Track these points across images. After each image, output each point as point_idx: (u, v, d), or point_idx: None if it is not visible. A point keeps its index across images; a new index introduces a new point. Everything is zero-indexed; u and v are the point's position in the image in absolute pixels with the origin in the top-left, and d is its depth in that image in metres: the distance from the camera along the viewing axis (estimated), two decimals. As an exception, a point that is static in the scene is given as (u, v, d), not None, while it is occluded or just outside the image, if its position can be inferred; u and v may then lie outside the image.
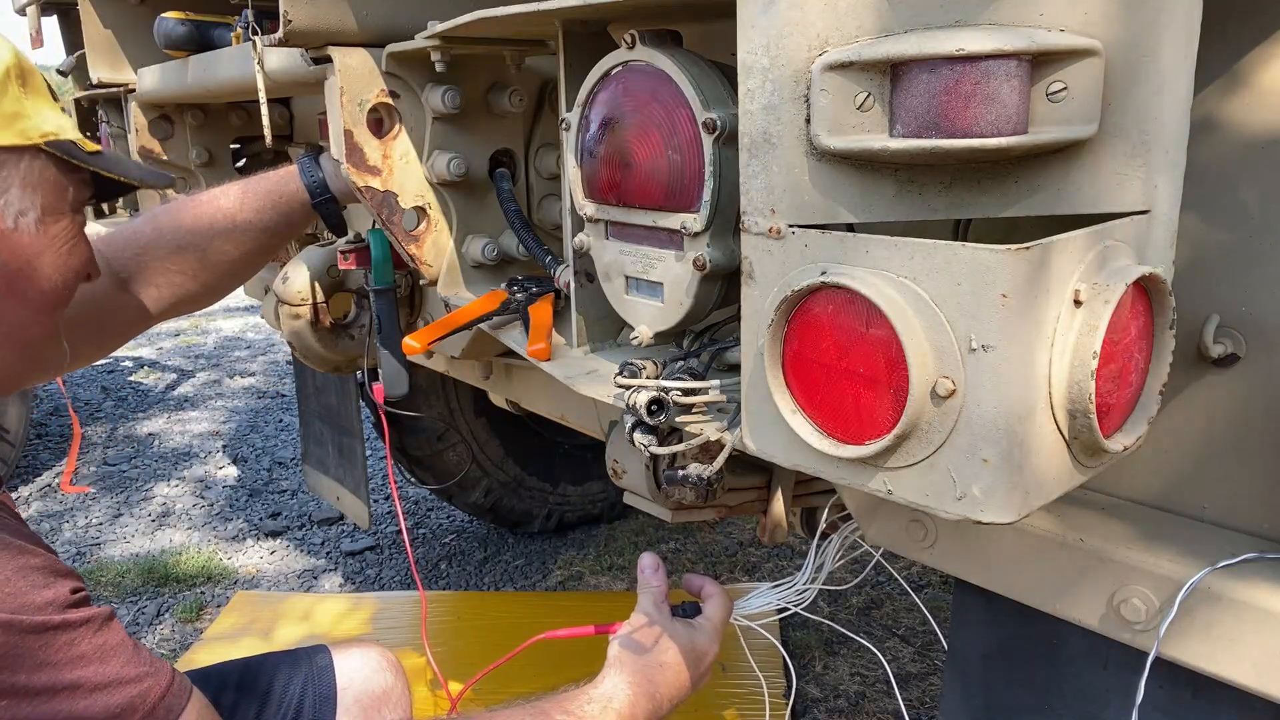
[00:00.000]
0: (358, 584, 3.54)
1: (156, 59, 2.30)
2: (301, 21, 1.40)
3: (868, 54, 0.79)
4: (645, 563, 1.38)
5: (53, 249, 1.12)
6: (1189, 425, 1.03)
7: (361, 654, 1.55)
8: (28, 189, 1.08)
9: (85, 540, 3.95)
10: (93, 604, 1.07)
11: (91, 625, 1.03)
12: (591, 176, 1.18)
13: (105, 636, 1.04)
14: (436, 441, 3.33)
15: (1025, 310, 0.74)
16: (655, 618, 1.31)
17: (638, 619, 1.32)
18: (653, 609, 1.32)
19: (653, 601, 1.33)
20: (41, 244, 1.11)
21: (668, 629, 1.30)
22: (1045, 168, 0.83)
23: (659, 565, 1.36)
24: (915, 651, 2.95)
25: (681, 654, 1.29)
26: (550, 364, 1.34)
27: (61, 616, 1.00)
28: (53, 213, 1.11)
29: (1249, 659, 0.91)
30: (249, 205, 1.55)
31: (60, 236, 1.13)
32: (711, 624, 1.34)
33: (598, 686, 1.25)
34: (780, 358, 0.89)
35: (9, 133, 1.06)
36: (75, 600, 1.03)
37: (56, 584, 1.02)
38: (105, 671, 1.02)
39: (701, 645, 1.31)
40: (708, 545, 3.72)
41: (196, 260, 1.54)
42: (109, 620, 1.06)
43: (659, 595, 1.34)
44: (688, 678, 1.29)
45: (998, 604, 1.11)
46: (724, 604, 1.37)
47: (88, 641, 1.02)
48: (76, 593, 1.04)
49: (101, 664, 1.02)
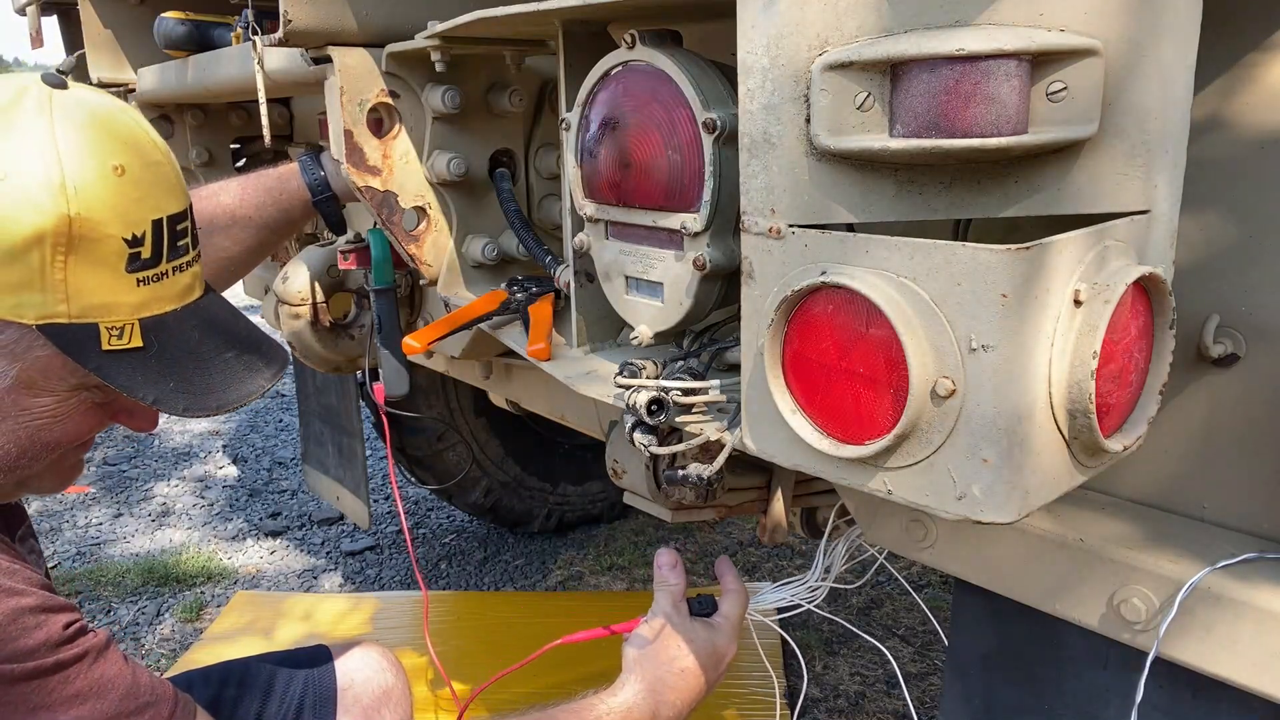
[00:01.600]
0: (358, 584, 3.54)
1: (156, 59, 2.30)
2: (301, 21, 1.40)
3: (868, 54, 0.79)
4: (663, 559, 1.33)
5: (16, 419, 1.01)
6: (1189, 425, 1.03)
7: (362, 654, 1.55)
8: (3, 358, 0.97)
9: (85, 540, 3.95)
10: (90, 630, 1.03)
11: (87, 659, 1.00)
12: (591, 176, 1.18)
13: (102, 668, 1.01)
14: (436, 441, 3.33)
15: (1025, 310, 0.74)
16: (674, 619, 1.27)
17: (656, 622, 1.28)
18: (671, 609, 1.28)
19: (671, 601, 1.29)
20: (2, 410, 1.00)
21: (687, 632, 1.26)
22: (1045, 168, 0.83)
23: (677, 562, 1.32)
24: (915, 651, 2.95)
25: (701, 657, 1.25)
26: (550, 364, 1.34)
27: (54, 657, 0.97)
28: (32, 388, 1.00)
29: (1249, 659, 0.91)
30: (249, 201, 1.54)
31: (32, 410, 1.01)
32: (730, 623, 1.30)
33: (615, 695, 1.22)
34: (780, 358, 0.89)
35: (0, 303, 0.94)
36: (69, 636, 1.00)
37: (48, 623, 0.98)
38: (102, 708, 1.00)
39: (721, 647, 1.28)
40: (708, 545, 3.72)
41: None
42: (106, 649, 1.03)
43: (677, 594, 1.30)
44: (705, 681, 1.26)
45: (998, 604, 1.11)
46: (742, 601, 1.33)
47: (83, 678, 0.99)
48: (70, 626, 1.00)
49: (99, 700, 1.00)
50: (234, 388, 1.08)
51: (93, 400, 1.06)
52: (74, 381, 1.02)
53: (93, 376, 1.01)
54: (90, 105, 1.00)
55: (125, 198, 0.98)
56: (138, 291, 1.01)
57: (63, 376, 1.01)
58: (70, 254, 0.95)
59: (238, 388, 1.09)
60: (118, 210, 0.98)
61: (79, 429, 1.06)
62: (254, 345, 1.14)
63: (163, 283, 1.03)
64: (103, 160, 0.97)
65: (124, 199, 0.98)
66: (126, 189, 0.99)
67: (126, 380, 1.00)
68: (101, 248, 0.96)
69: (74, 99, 1.00)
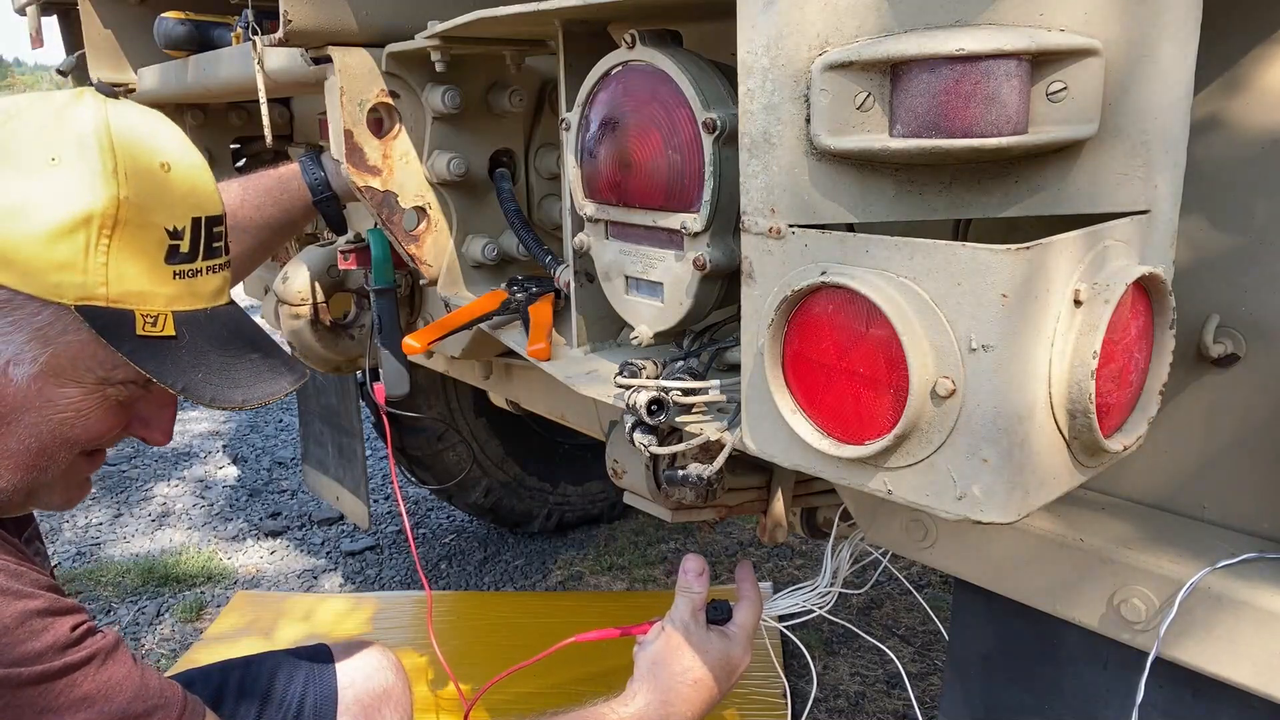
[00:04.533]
0: (358, 584, 3.54)
1: (156, 59, 2.30)
2: (301, 21, 1.40)
3: (868, 54, 0.79)
4: (690, 565, 1.31)
5: (41, 411, 1.02)
6: (1189, 425, 1.03)
7: (362, 653, 1.55)
8: (36, 341, 0.99)
9: (85, 540, 3.95)
10: (98, 632, 1.03)
11: (95, 662, 1.00)
12: (591, 176, 1.18)
13: (110, 671, 1.01)
14: (436, 441, 3.33)
15: (1025, 310, 0.74)
16: (690, 629, 1.27)
17: (671, 630, 1.27)
18: (689, 618, 1.28)
19: (690, 609, 1.28)
20: (27, 402, 1.01)
21: (702, 643, 1.26)
22: (1045, 168, 0.83)
23: (704, 571, 1.30)
24: (915, 651, 2.95)
25: (714, 669, 1.25)
26: (550, 364, 1.34)
27: (61, 660, 0.97)
28: (60, 376, 1.01)
29: (1249, 659, 0.91)
30: (250, 202, 1.55)
31: (58, 403, 1.02)
32: (744, 632, 1.30)
33: (626, 705, 1.22)
34: (780, 358, 0.89)
35: (42, 282, 0.96)
36: (76, 638, 0.99)
37: (55, 625, 0.98)
38: (110, 711, 0.99)
39: (735, 657, 1.27)
40: (708, 545, 3.72)
41: None
42: (114, 651, 1.03)
43: (698, 603, 1.29)
44: (718, 690, 1.25)
45: (998, 604, 1.11)
46: (758, 610, 1.33)
47: (91, 681, 0.99)
48: (78, 628, 1.00)
49: (107, 703, 0.99)
50: (259, 386, 1.10)
51: (116, 399, 1.07)
52: (101, 374, 1.04)
53: (120, 370, 1.03)
54: (139, 110, 1.07)
55: (171, 192, 1.03)
56: (173, 284, 1.04)
57: (91, 367, 1.03)
58: (115, 237, 0.98)
59: (263, 386, 1.11)
60: (164, 202, 1.02)
61: (100, 428, 1.08)
62: (276, 353, 1.17)
63: (197, 280, 1.07)
64: (152, 154, 1.03)
65: (170, 193, 1.03)
66: (172, 184, 1.04)
67: (157, 366, 1.02)
68: (145, 235, 1.00)
69: (125, 105, 1.06)
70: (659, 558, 3.65)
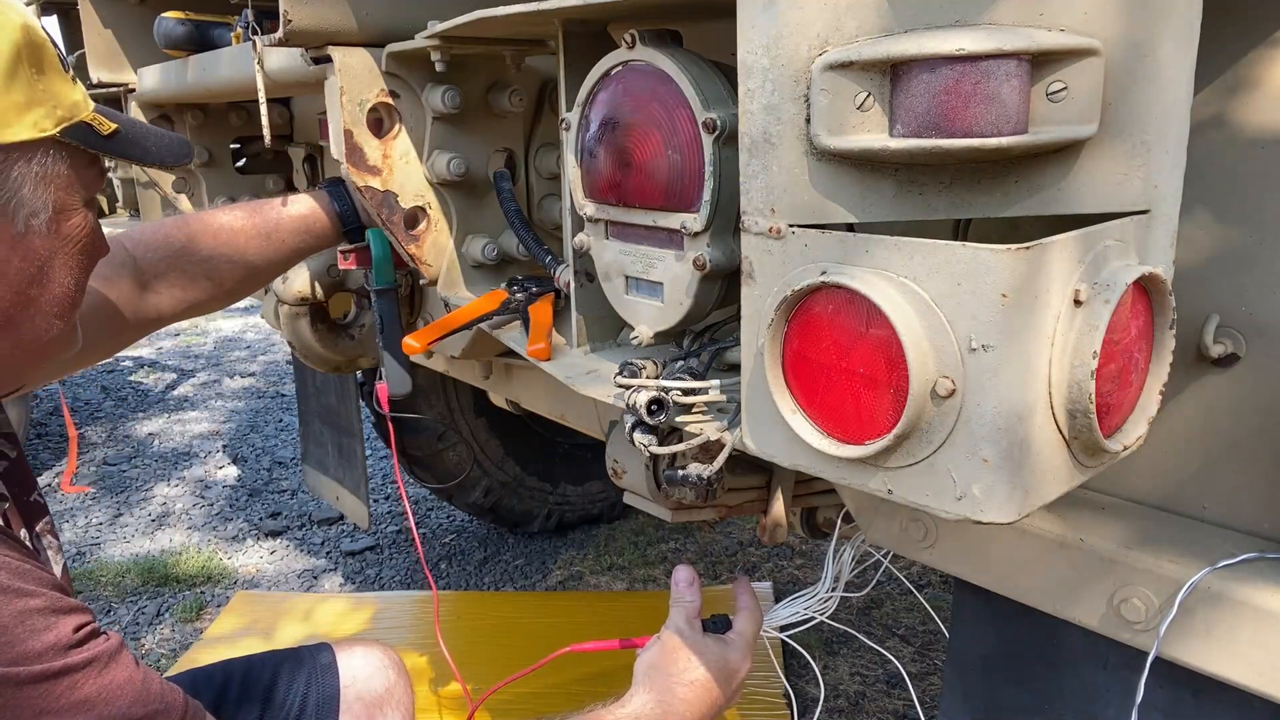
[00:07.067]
0: (358, 584, 3.54)
1: (156, 59, 2.30)
2: (301, 21, 1.40)
3: (868, 54, 0.79)
4: (680, 576, 1.34)
5: (65, 249, 1.05)
6: (1189, 425, 1.03)
7: (364, 653, 1.55)
8: (39, 187, 1.00)
9: (85, 540, 3.95)
10: (102, 634, 1.02)
11: (96, 664, 0.99)
12: (591, 176, 1.18)
13: (112, 674, 1.00)
14: (437, 441, 3.33)
15: (1025, 310, 0.74)
16: (685, 634, 1.28)
17: (667, 636, 1.29)
18: (684, 625, 1.29)
19: (684, 617, 1.30)
20: (54, 245, 1.03)
21: (698, 646, 1.27)
22: (1045, 168, 0.83)
23: (694, 579, 1.32)
24: (915, 651, 2.95)
25: (712, 672, 1.25)
26: (550, 364, 1.34)
27: (62, 661, 0.96)
28: (65, 210, 1.03)
29: (1249, 659, 0.91)
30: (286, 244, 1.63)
31: (73, 235, 1.05)
32: (744, 639, 1.31)
33: (624, 706, 1.22)
34: (780, 358, 0.89)
35: (21, 125, 0.96)
36: (79, 639, 0.98)
37: (58, 625, 0.97)
38: (110, 714, 0.98)
39: (734, 662, 1.28)
40: (708, 545, 3.73)
41: (228, 274, 1.57)
42: (116, 654, 1.02)
43: (691, 611, 1.30)
44: (719, 695, 1.26)
45: (998, 604, 1.11)
46: (756, 619, 1.34)
47: (91, 683, 0.98)
48: (80, 629, 0.99)
49: (106, 706, 0.98)
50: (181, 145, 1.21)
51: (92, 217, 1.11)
52: (85, 195, 1.07)
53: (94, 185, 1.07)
54: None
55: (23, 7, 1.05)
56: (77, 88, 1.06)
57: (77, 189, 1.05)
58: (35, 61, 0.99)
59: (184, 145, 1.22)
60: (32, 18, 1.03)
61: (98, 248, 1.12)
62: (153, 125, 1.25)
63: (80, 84, 1.09)
64: None
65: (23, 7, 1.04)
66: None
67: (139, 154, 1.12)
68: (46, 51, 1.01)
69: None
70: (659, 558, 3.65)
